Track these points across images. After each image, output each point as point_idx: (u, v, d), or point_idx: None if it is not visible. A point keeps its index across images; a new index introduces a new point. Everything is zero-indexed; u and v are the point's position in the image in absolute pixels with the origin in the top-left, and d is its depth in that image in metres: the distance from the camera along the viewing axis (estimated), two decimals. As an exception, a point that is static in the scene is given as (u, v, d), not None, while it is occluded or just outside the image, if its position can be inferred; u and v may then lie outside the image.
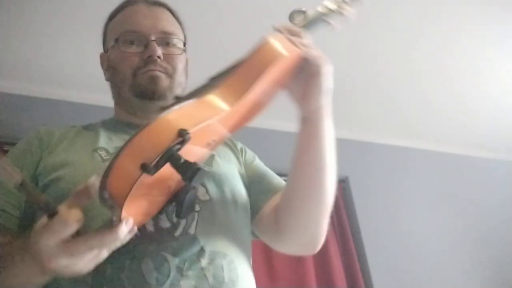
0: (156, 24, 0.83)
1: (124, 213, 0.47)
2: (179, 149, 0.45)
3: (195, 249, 0.64)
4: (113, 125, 0.86)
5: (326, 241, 0.81)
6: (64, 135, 0.80)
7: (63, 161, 0.72)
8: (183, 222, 0.66)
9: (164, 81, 0.80)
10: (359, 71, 2.30)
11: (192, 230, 0.66)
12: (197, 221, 0.67)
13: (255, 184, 0.85)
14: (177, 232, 0.65)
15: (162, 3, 0.90)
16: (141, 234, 0.63)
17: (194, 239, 0.65)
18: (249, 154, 0.92)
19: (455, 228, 2.69)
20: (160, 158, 0.44)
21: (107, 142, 0.78)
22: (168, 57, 0.82)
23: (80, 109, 2.22)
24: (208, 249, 0.65)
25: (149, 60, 0.80)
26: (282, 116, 2.46)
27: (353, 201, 2.44)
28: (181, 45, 0.86)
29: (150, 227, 0.64)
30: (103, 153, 0.74)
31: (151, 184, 0.49)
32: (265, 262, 2.07)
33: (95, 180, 0.49)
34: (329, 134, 0.71)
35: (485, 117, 2.77)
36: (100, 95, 2.31)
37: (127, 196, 0.45)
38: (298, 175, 0.74)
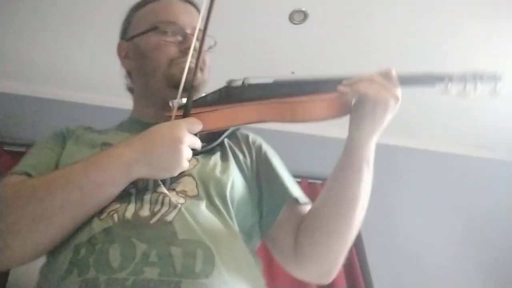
0: (191, 20, 0.85)
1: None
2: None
3: (167, 236, 0.61)
4: (129, 125, 0.86)
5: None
6: (76, 132, 0.83)
7: (67, 158, 0.75)
8: (162, 210, 0.64)
9: (199, 74, 0.80)
10: (355, 72, 2.30)
11: (169, 218, 0.63)
12: (179, 210, 0.65)
13: (267, 191, 0.81)
14: (153, 220, 0.63)
15: (193, 2, 0.91)
16: (118, 221, 0.63)
17: (168, 226, 0.62)
18: (264, 151, 0.87)
19: (454, 228, 2.69)
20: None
21: (116, 139, 0.77)
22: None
23: (80, 109, 2.22)
24: (182, 237, 0.61)
25: (187, 52, 0.80)
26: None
27: (353, 201, 2.44)
28: (211, 43, 0.88)
29: (129, 215, 0.64)
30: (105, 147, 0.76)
31: None
32: (265, 262, 2.05)
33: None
34: (366, 165, 0.71)
35: (484, 117, 2.77)
36: (99, 95, 2.32)
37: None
38: (327, 206, 0.73)
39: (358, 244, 2.33)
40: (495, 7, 1.94)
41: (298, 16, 1.96)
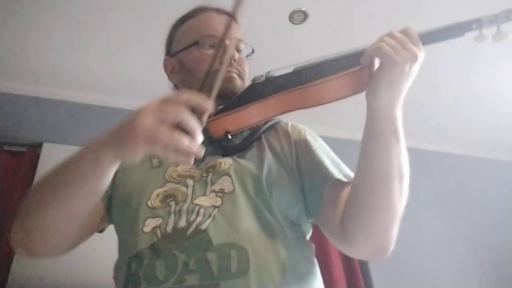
0: None
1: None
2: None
3: (203, 243, 0.67)
4: None
5: (326, 241, 0.80)
6: None
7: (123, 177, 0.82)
8: (198, 220, 0.69)
9: (239, 82, 0.86)
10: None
11: (204, 226, 0.68)
12: (213, 217, 0.70)
13: (308, 175, 0.79)
14: (190, 230, 0.68)
15: (230, 13, 0.93)
16: (161, 236, 0.69)
17: (203, 234, 0.67)
18: (303, 136, 0.86)
19: (454, 227, 2.69)
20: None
21: None
22: (240, 61, 0.89)
23: (80, 109, 2.21)
24: (216, 242, 0.67)
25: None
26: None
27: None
28: (249, 51, 0.92)
29: (169, 229, 0.69)
30: (155, 161, 0.82)
31: None
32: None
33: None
34: (393, 135, 0.67)
35: (484, 117, 2.77)
36: (100, 95, 2.32)
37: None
38: (361, 182, 0.70)
39: (358, 244, 2.33)
40: (494, 7, 1.95)
41: (298, 16, 1.96)
